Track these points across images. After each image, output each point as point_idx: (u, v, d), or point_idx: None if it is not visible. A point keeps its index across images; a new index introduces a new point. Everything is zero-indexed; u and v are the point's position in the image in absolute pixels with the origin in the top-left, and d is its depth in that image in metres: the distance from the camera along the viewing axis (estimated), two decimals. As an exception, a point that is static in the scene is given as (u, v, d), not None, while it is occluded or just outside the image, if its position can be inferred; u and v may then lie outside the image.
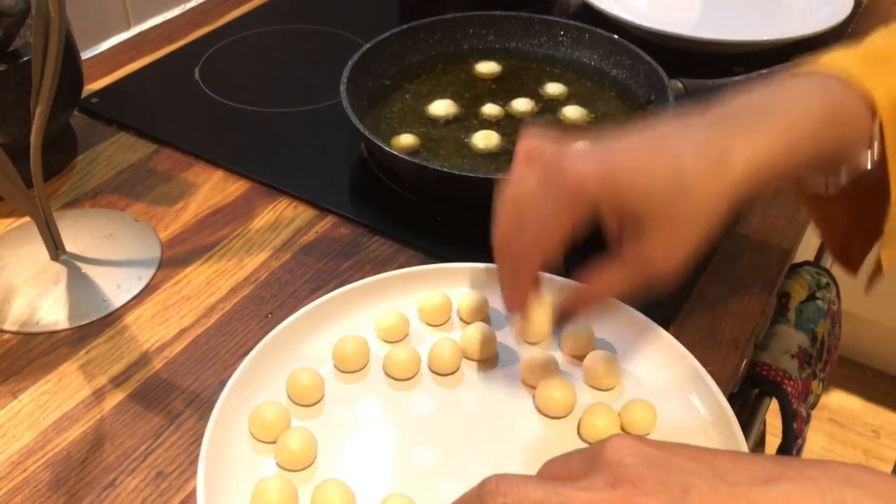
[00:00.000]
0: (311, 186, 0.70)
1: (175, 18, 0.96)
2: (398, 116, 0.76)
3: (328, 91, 0.78)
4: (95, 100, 0.81)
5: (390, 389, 0.53)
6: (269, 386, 0.52)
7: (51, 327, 0.58)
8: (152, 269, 0.63)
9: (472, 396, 0.53)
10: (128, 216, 0.68)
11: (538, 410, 0.51)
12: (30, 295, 0.60)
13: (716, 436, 0.49)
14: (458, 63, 0.82)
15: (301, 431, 0.48)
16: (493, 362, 0.55)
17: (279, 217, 0.68)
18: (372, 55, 0.78)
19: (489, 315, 0.57)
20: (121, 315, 0.59)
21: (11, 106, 0.63)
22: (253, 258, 0.64)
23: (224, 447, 0.48)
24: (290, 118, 0.80)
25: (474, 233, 0.66)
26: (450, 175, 0.65)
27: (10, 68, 0.63)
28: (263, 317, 0.59)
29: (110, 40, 0.92)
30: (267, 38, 0.93)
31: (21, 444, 0.51)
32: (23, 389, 0.54)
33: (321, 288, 0.61)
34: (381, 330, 0.55)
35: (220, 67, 0.87)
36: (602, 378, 0.52)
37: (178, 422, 0.52)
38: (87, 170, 0.73)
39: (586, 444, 0.49)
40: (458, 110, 0.76)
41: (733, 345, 0.58)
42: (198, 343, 0.57)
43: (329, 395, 0.52)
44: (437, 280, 0.59)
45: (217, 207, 0.69)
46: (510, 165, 0.48)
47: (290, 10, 0.99)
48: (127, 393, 0.54)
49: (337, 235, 0.66)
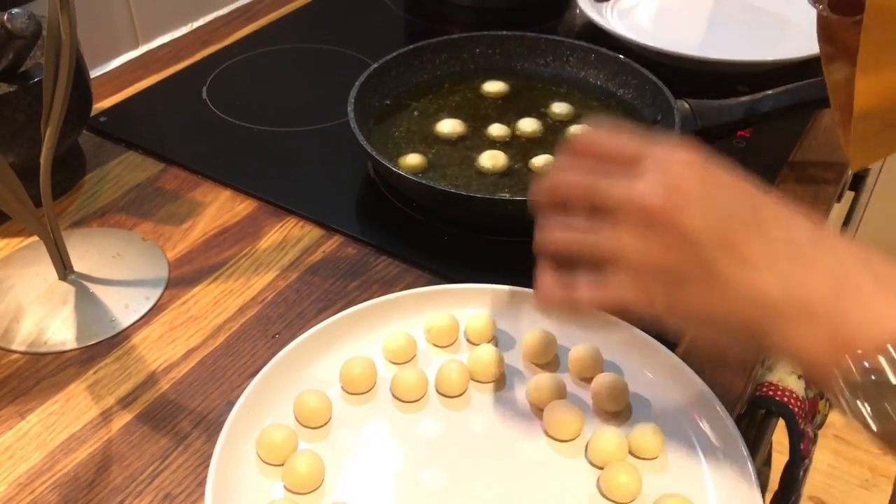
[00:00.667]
0: (318, 206, 0.71)
1: (183, 37, 0.97)
2: (405, 136, 0.76)
3: (335, 110, 0.79)
4: (104, 119, 0.82)
5: (397, 411, 0.53)
6: (276, 408, 0.52)
7: (59, 347, 0.58)
8: (160, 288, 0.63)
9: (479, 419, 0.53)
10: (135, 235, 0.68)
11: (546, 433, 0.51)
12: (38, 315, 0.60)
13: (724, 459, 0.49)
14: (465, 83, 0.83)
15: (308, 454, 0.48)
16: (501, 384, 0.55)
17: (286, 237, 0.68)
18: (379, 75, 0.78)
19: (496, 336, 0.57)
20: (128, 335, 0.60)
21: (22, 126, 0.64)
22: (260, 278, 0.64)
23: (232, 470, 0.48)
24: (297, 137, 0.80)
25: (481, 253, 0.67)
26: (456, 195, 0.65)
27: (20, 89, 0.63)
28: (270, 337, 0.59)
29: (119, 59, 0.92)
30: (274, 57, 0.94)
31: (28, 466, 0.51)
32: (30, 410, 0.54)
33: (328, 308, 0.61)
34: (388, 351, 0.55)
35: (227, 86, 0.88)
36: (610, 401, 0.52)
37: (185, 443, 0.52)
38: (95, 189, 0.73)
39: (594, 467, 0.49)
40: (464, 130, 0.76)
41: (741, 366, 0.58)
42: (205, 364, 0.57)
43: (336, 417, 0.52)
44: (445, 301, 0.59)
45: (224, 227, 0.69)
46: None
47: (297, 30, 1.00)
48: (134, 414, 0.54)
49: (344, 255, 0.66)
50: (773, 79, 0.77)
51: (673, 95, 0.74)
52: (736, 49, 0.90)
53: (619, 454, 0.49)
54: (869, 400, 0.34)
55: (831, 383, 0.35)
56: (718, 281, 0.37)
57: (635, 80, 0.79)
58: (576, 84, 0.82)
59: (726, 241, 0.36)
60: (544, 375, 0.54)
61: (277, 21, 1.01)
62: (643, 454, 0.50)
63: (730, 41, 0.95)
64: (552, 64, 0.84)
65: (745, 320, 0.37)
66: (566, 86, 0.82)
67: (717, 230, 0.36)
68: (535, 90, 0.82)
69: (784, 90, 0.73)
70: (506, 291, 0.59)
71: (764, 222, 0.37)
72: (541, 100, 0.81)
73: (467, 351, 0.56)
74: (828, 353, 0.35)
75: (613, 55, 0.81)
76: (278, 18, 1.01)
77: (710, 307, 0.38)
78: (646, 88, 0.77)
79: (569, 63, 0.83)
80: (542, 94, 0.81)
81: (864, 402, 0.34)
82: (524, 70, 0.84)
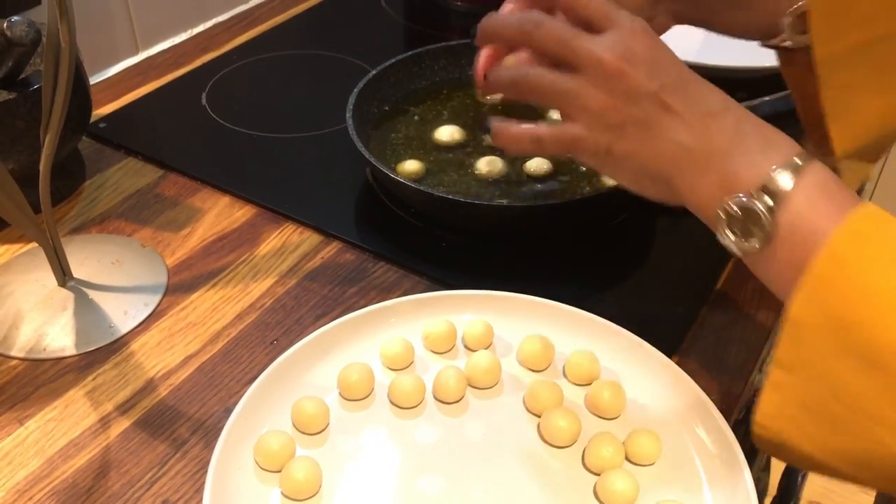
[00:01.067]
0: (316, 212, 0.71)
1: (182, 43, 0.97)
2: (403, 142, 0.76)
3: (334, 116, 0.79)
4: (103, 125, 0.82)
5: (395, 418, 0.53)
6: (274, 414, 0.52)
7: (58, 354, 0.59)
8: (158, 295, 0.63)
9: (476, 425, 0.53)
10: (134, 242, 0.68)
11: (542, 439, 0.51)
12: (37, 321, 0.60)
13: (721, 465, 0.49)
14: (463, 89, 0.83)
15: (306, 460, 0.49)
16: (498, 391, 0.55)
17: (285, 243, 0.68)
18: (378, 81, 0.78)
19: (494, 343, 0.58)
20: (127, 342, 0.60)
21: (21, 133, 0.64)
22: (259, 284, 0.64)
23: (229, 476, 0.48)
24: (296, 143, 0.81)
25: (479, 259, 0.67)
26: (454, 202, 0.65)
27: (20, 96, 0.64)
28: (269, 343, 0.60)
29: (118, 65, 0.93)
30: (273, 64, 0.94)
31: (27, 472, 0.51)
32: (29, 416, 0.55)
33: (326, 314, 0.62)
34: (385, 358, 0.56)
35: (226, 93, 0.88)
36: (607, 407, 0.53)
37: (183, 449, 0.52)
38: (94, 195, 0.74)
39: (591, 473, 0.50)
40: (462, 136, 0.77)
41: (739, 371, 0.58)
42: (203, 370, 0.58)
43: (334, 424, 0.52)
44: (442, 307, 0.59)
45: (223, 233, 0.69)
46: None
47: (296, 36, 1.00)
48: (133, 420, 0.54)
49: (342, 261, 0.67)
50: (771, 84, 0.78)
51: (670, 102, 0.74)
52: (734, 55, 0.90)
53: (615, 460, 0.49)
54: (738, 227, 0.44)
55: (716, 222, 0.45)
56: (649, 129, 0.46)
57: (633, 87, 0.79)
58: (574, 90, 0.83)
59: (660, 98, 0.45)
60: (541, 382, 0.54)
61: (276, 27, 1.01)
62: (640, 460, 0.50)
63: (728, 47, 0.95)
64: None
65: (664, 167, 0.46)
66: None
67: (655, 87, 0.45)
68: (533, 96, 0.82)
69: (782, 96, 0.74)
70: (503, 298, 0.59)
71: (690, 86, 0.46)
72: (538, 106, 0.81)
73: (465, 357, 0.56)
74: (716, 196, 0.45)
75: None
76: (277, 25, 1.02)
77: (640, 152, 0.47)
78: (643, 94, 0.77)
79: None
80: (540, 101, 0.81)
81: (735, 230, 0.44)
82: (522, 76, 0.84)
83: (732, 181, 0.44)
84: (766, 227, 0.43)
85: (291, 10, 1.05)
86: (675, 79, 0.46)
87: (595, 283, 0.65)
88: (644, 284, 0.66)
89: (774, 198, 0.43)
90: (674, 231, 0.72)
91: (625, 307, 0.62)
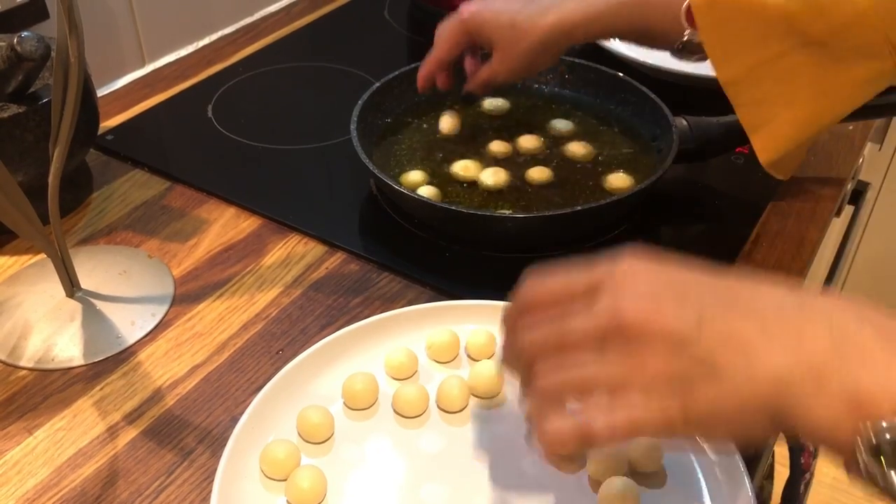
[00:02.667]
0: (321, 223, 0.72)
1: (189, 56, 0.98)
2: (407, 153, 0.77)
3: (338, 128, 0.80)
4: (110, 137, 0.83)
5: (399, 427, 0.53)
6: (279, 424, 0.53)
7: (66, 364, 0.59)
8: (165, 305, 0.64)
9: (479, 434, 0.53)
10: (142, 253, 0.69)
11: (545, 448, 0.52)
12: (46, 331, 0.61)
13: (722, 474, 0.50)
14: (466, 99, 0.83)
15: (311, 469, 0.49)
16: (501, 400, 0.55)
17: (290, 253, 0.69)
18: (382, 93, 0.79)
19: (497, 352, 0.58)
20: (134, 351, 0.60)
21: (30, 146, 0.65)
22: (264, 295, 0.65)
23: (235, 485, 0.49)
24: (301, 155, 0.81)
25: (482, 269, 0.68)
26: (457, 212, 0.66)
27: (29, 110, 0.64)
28: (274, 353, 0.60)
29: (125, 78, 0.94)
30: (278, 76, 0.95)
31: (36, 481, 0.52)
32: (38, 426, 0.55)
33: (331, 324, 0.62)
34: (389, 367, 0.56)
35: (232, 105, 0.89)
36: (608, 416, 0.53)
37: (190, 458, 0.53)
38: (101, 206, 0.75)
39: (593, 481, 0.50)
40: (465, 147, 0.77)
41: (739, 381, 0.58)
42: (210, 380, 0.58)
43: (338, 433, 0.53)
44: (446, 317, 0.59)
45: (229, 244, 0.70)
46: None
47: (301, 48, 1.01)
48: (140, 430, 0.55)
49: (347, 272, 0.67)
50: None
51: (671, 112, 0.75)
52: None
53: (617, 469, 0.50)
54: (888, 461, 0.33)
55: (853, 450, 0.34)
56: (723, 373, 0.36)
57: (634, 98, 0.80)
58: (575, 101, 0.83)
59: (715, 331, 0.36)
60: (544, 391, 0.54)
61: (282, 40, 1.02)
62: (641, 468, 0.50)
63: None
64: (552, 81, 0.85)
65: (762, 405, 0.36)
66: (566, 103, 0.83)
67: (700, 323, 0.36)
68: (535, 107, 0.83)
69: None
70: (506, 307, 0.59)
71: (744, 301, 0.36)
72: (541, 117, 0.82)
73: (468, 367, 0.57)
74: (847, 419, 0.34)
75: (612, 73, 0.82)
76: (283, 37, 1.03)
77: (724, 402, 0.36)
78: (644, 105, 0.78)
79: (568, 81, 0.84)
80: (542, 111, 0.82)
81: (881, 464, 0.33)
82: (524, 87, 0.85)
83: (863, 400, 0.33)
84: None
85: (296, 22, 1.06)
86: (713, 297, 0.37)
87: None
88: (646, 294, 0.66)
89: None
90: (675, 241, 0.72)
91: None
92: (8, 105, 0.65)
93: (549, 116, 0.81)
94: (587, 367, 0.38)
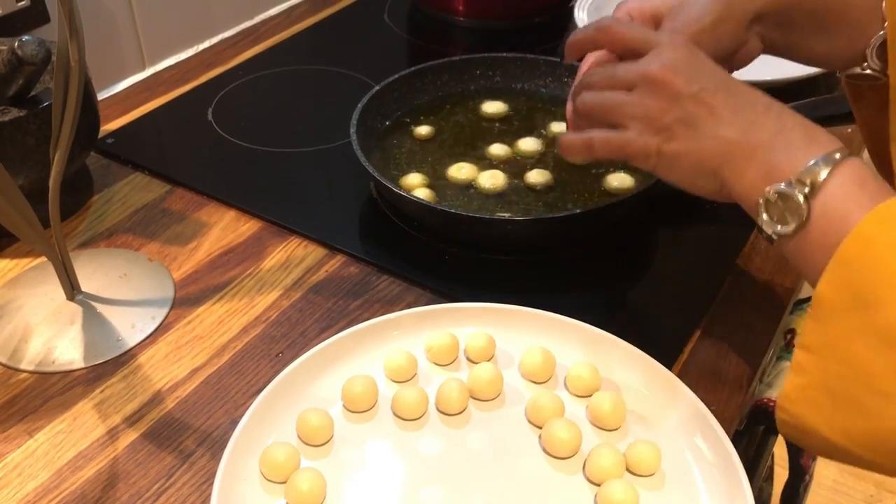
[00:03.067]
0: (321, 226, 0.72)
1: (189, 59, 0.99)
2: (406, 156, 0.77)
3: (338, 131, 0.80)
4: (111, 140, 0.83)
5: (398, 430, 0.54)
6: (279, 426, 0.53)
7: (66, 367, 0.59)
8: (165, 308, 0.64)
9: (479, 436, 0.53)
10: (142, 256, 0.69)
11: (544, 450, 0.52)
12: (46, 335, 0.61)
13: (720, 476, 0.50)
14: (466, 103, 0.84)
15: (310, 472, 0.49)
16: (500, 402, 0.55)
17: (290, 256, 0.69)
18: (381, 96, 0.80)
19: (496, 355, 0.58)
20: (134, 354, 0.61)
21: (31, 150, 0.65)
22: (264, 297, 0.65)
23: (235, 487, 0.49)
24: (300, 158, 0.82)
25: (481, 272, 0.68)
26: (456, 215, 0.66)
27: (30, 114, 0.65)
28: (274, 356, 0.60)
29: (126, 81, 0.94)
30: (278, 79, 0.95)
31: (37, 484, 0.52)
32: (39, 429, 0.55)
33: (330, 327, 0.62)
34: (389, 370, 0.56)
35: (232, 108, 0.89)
36: (607, 418, 0.53)
37: (190, 461, 0.53)
38: (102, 210, 0.75)
39: (592, 484, 0.50)
40: (465, 150, 0.77)
41: (738, 382, 0.59)
42: (209, 382, 0.58)
43: (338, 436, 0.53)
44: (445, 320, 0.60)
45: (229, 247, 0.70)
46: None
47: (301, 52, 1.01)
48: (140, 432, 0.55)
49: (346, 275, 0.68)
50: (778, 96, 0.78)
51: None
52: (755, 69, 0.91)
53: (616, 471, 0.50)
54: (776, 212, 0.47)
55: (756, 208, 0.48)
56: (695, 128, 0.50)
57: (633, 101, 0.80)
58: (575, 104, 0.83)
59: (703, 99, 0.50)
60: (543, 393, 0.54)
61: (282, 43, 1.02)
62: (640, 471, 0.50)
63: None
64: (551, 84, 0.85)
65: (713, 164, 0.50)
66: (565, 106, 0.83)
67: (696, 89, 0.50)
68: (534, 110, 0.83)
69: (804, 103, 0.74)
70: (505, 310, 0.60)
71: (732, 88, 0.50)
72: (540, 119, 0.82)
73: (467, 369, 0.57)
74: (759, 186, 0.48)
75: (612, 76, 0.82)
76: (282, 41, 1.03)
77: (688, 151, 0.50)
78: (644, 109, 0.78)
79: (567, 84, 0.84)
80: (541, 114, 0.83)
81: (772, 216, 0.47)
82: (524, 91, 0.85)
83: (774, 172, 0.47)
84: (801, 213, 0.46)
85: (296, 25, 1.06)
86: (715, 82, 0.50)
87: (596, 296, 0.66)
88: (645, 297, 0.67)
89: (810, 186, 0.46)
90: (675, 243, 0.72)
91: (625, 319, 0.63)
92: (9, 108, 0.65)
93: (548, 119, 0.82)
94: (616, 97, 0.53)
